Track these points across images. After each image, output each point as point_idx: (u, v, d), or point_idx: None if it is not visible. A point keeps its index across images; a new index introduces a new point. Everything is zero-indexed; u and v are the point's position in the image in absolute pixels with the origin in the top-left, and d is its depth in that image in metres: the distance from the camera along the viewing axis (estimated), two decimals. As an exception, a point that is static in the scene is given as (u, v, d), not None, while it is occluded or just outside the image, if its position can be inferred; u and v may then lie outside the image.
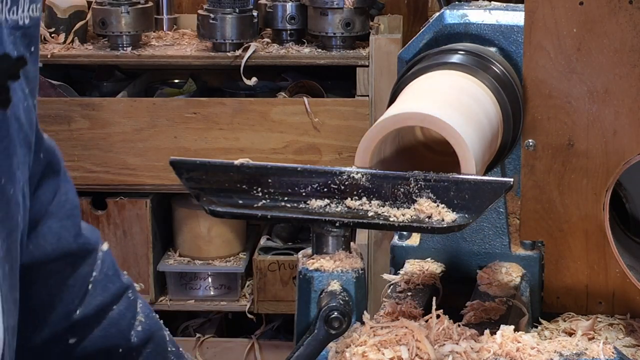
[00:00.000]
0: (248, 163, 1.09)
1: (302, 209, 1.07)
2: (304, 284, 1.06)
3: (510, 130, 1.32)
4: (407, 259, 1.46)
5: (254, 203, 1.08)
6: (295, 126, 2.87)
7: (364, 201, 1.07)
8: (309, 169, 1.08)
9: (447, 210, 1.05)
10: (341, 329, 1.02)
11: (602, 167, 1.36)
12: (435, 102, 1.18)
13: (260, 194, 1.08)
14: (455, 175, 1.06)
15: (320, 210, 1.07)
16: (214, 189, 1.09)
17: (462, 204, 1.05)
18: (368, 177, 1.07)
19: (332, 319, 1.02)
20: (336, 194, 1.07)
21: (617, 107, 1.35)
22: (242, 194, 1.08)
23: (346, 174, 1.07)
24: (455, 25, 1.43)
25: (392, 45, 2.84)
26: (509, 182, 1.05)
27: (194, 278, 3.05)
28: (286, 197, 1.08)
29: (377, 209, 1.07)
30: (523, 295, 1.39)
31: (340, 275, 1.05)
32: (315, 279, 1.06)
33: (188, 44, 3.00)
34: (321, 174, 1.08)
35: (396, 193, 1.07)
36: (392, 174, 1.08)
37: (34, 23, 0.93)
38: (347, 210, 1.07)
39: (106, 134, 2.88)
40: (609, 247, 1.35)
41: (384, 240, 2.95)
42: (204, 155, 2.89)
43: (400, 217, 1.05)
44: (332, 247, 1.07)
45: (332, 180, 1.07)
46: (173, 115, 2.87)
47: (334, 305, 1.02)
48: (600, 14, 1.33)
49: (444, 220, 1.04)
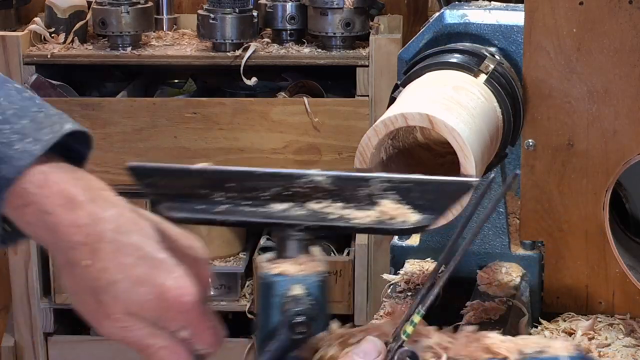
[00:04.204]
0: (207, 167, 1.06)
1: (262, 213, 1.04)
2: (265, 289, 1.03)
3: (510, 130, 1.32)
4: (407, 259, 1.46)
5: (214, 208, 1.05)
6: (295, 126, 2.87)
7: (326, 204, 1.04)
8: (269, 172, 1.05)
9: (411, 211, 1.03)
10: (306, 334, 0.99)
11: (602, 167, 1.36)
12: (435, 102, 1.18)
13: (220, 198, 1.05)
14: (418, 175, 1.04)
15: (282, 214, 1.04)
16: (174, 195, 1.06)
17: (426, 204, 1.03)
18: (330, 180, 1.04)
19: (296, 324, 0.99)
20: (298, 198, 1.04)
21: (617, 107, 1.35)
22: (203, 199, 1.05)
23: (308, 176, 1.04)
24: (455, 25, 1.43)
25: (392, 45, 2.85)
26: (472, 181, 1.03)
27: (194, 278, 3.05)
28: (247, 201, 1.05)
29: (340, 211, 1.04)
30: (523, 295, 1.39)
31: (304, 279, 1.02)
32: (277, 283, 1.02)
33: (188, 44, 3.00)
34: (282, 177, 1.05)
35: (359, 195, 1.04)
36: (354, 175, 1.05)
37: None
38: (309, 213, 1.04)
39: (106, 134, 2.88)
40: (609, 247, 1.35)
41: (384, 241, 2.95)
42: (204, 155, 2.89)
43: (363, 219, 1.03)
44: (294, 252, 1.04)
45: (294, 183, 1.04)
46: (173, 115, 2.87)
47: (298, 310, 0.99)
48: (600, 14, 1.33)
49: (408, 221, 1.02)
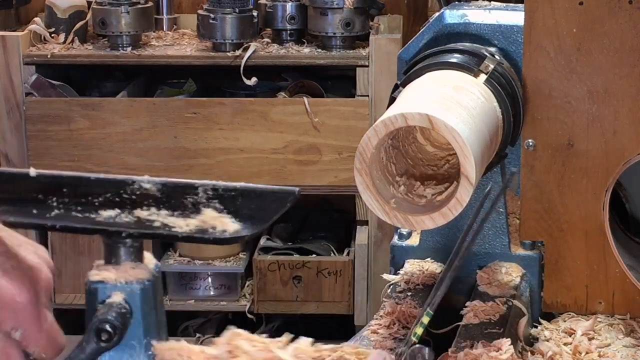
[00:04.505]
0: (44, 172, 1.08)
1: (91, 219, 1.06)
2: (89, 295, 1.04)
3: (510, 130, 1.32)
4: (406, 259, 1.46)
5: (47, 213, 1.06)
6: (295, 126, 2.87)
7: (152, 211, 1.06)
8: (101, 178, 1.07)
9: (232, 221, 1.04)
10: (111, 342, 1.01)
11: (602, 167, 1.36)
12: (435, 102, 1.18)
13: (55, 203, 1.07)
14: (242, 184, 1.06)
15: (109, 221, 1.05)
16: (12, 199, 1.08)
17: (249, 214, 1.04)
18: (158, 187, 1.06)
19: (101, 330, 1.00)
20: (127, 204, 1.06)
21: (617, 107, 1.35)
22: (38, 203, 1.07)
23: (137, 183, 1.06)
24: (455, 25, 1.43)
25: (392, 45, 2.85)
26: (293, 191, 1.04)
27: (194, 278, 3.05)
28: (79, 207, 1.07)
29: (164, 219, 1.05)
30: (523, 295, 1.39)
31: (124, 286, 1.03)
32: (99, 290, 1.03)
33: (188, 44, 3.00)
34: (113, 183, 1.06)
35: (185, 203, 1.06)
36: (181, 183, 1.06)
37: None
38: (136, 220, 1.05)
39: (106, 134, 2.88)
40: (609, 247, 1.35)
41: (384, 240, 2.96)
42: (204, 155, 2.89)
43: (183, 228, 1.04)
44: (121, 258, 1.05)
45: (124, 190, 1.06)
46: (173, 115, 2.87)
47: (104, 318, 1.00)
48: (600, 14, 1.33)
49: (227, 231, 1.03)
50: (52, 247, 2.97)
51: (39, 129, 2.89)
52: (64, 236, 2.97)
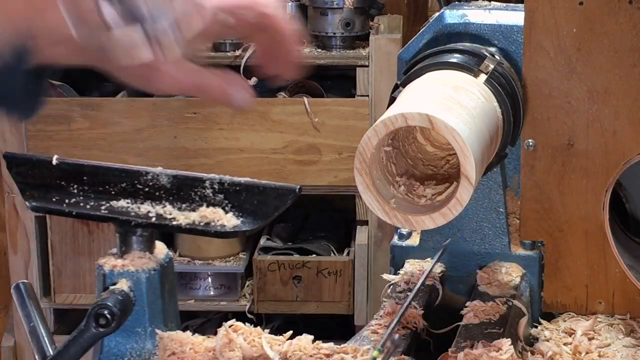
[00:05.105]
0: (66, 160, 1.12)
1: (106, 207, 1.09)
2: (99, 282, 1.08)
3: (510, 130, 1.32)
4: (407, 259, 1.46)
5: (67, 199, 1.11)
6: (295, 126, 2.87)
7: (162, 203, 1.09)
8: (119, 168, 1.11)
9: (232, 216, 1.06)
10: (109, 327, 1.03)
11: (602, 167, 1.36)
12: (435, 102, 1.18)
13: (75, 190, 1.11)
14: (247, 179, 1.08)
15: (122, 210, 1.09)
16: (38, 184, 1.12)
17: (251, 209, 1.07)
18: (169, 179, 1.09)
19: (99, 316, 1.03)
20: (141, 195, 1.09)
21: (617, 107, 1.35)
22: (60, 190, 1.11)
23: (150, 174, 1.09)
24: (455, 25, 1.43)
25: (392, 45, 2.85)
26: (294, 188, 1.07)
27: (194, 278, 3.05)
28: (97, 195, 1.11)
29: (171, 210, 1.08)
30: (523, 295, 1.39)
31: (130, 274, 1.06)
32: (106, 276, 1.08)
33: (188, 44, 2.99)
34: (129, 173, 1.10)
35: (193, 195, 1.09)
36: (191, 176, 1.10)
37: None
38: (147, 210, 1.09)
39: (106, 133, 2.88)
40: (609, 247, 1.35)
41: (383, 240, 2.96)
42: (204, 155, 2.89)
43: (184, 220, 1.07)
44: (132, 247, 1.09)
45: (139, 180, 1.10)
46: (173, 115, 2.88)
47: (104, 303, 1.03)
48: (600, 14, 1.33)
49: (227, 225, 1.06)
50: (52, 247, 2.97)
51: (38, 129, 2.89)
52: (64, 236, 2.97)
